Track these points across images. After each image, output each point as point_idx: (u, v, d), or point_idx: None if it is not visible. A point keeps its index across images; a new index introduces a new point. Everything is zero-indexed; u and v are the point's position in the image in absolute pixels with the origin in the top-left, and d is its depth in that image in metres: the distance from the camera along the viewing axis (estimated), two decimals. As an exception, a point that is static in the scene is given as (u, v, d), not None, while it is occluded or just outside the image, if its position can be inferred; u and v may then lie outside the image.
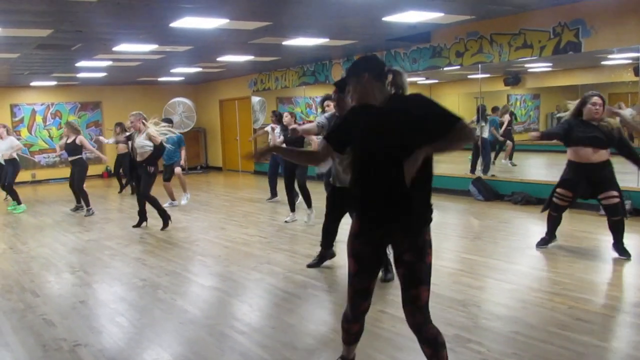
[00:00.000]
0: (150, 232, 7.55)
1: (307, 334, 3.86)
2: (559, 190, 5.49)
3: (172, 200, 9.79)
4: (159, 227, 7.68)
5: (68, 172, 9.74)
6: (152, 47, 9.23)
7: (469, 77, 10.68)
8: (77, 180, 9.30)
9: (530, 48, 8.21)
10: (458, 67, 9.41)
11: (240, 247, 6.57)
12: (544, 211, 5.75)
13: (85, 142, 9.28)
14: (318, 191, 7.90)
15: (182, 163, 9.88)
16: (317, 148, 7.68)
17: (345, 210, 5.18)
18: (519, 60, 8.56)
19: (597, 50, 7.63)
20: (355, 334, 2.91)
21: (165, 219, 7.67)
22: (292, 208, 7.99)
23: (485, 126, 10.47)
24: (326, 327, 4.00)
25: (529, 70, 11.26)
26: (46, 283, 5.35)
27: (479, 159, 10.31)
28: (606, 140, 5.14)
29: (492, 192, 9.07)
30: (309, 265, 5.48)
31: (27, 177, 14.96)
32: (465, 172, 9.81)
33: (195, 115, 15.57)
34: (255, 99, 15.15)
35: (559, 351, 3.36)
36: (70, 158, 9.35)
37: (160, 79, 15.34)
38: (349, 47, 10.29)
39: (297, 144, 7.82)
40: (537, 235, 7.07)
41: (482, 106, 10.74)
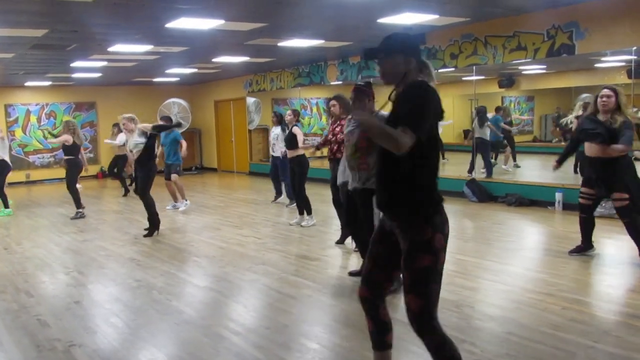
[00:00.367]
0: (145, 232, 7.51)
1: (301, 335, 3.87)
2: (581, 189, 5.41)
3: (175, 202, 9.58)
4: (160, 230, 7.52)
5: (63, 173, 9.58)
6: (148, 47, 9.22)
7: (464, 79, 10.70)
8: (68, 179, 9.17)
9: (524, 50, 8.25)
10: (453, 69, 9.44)
11: (235, 247, 6.58)
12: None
13: (67, 142, 8.98)
14: (312, 192, 7.93)
15: (184, 152, 9.40)
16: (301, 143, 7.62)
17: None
18: (513, 62, 8.60)
19: (590, 53, 7.67)
20: (372, 333, 2.81)
21: (152, 227, 7.41)
22: (308, 211, 7.73)
23: (485, 128, 10.47)
24: (320, 328, 4.02)
25: (523, 72, 11.30)
26: (40, 283, 5.34)
27: (482, 161, 10.36)
28: (607, 135, 4.96)
29: (486, 194, 9.11)
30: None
31: (21, 178, 14.95)
32: (459, 173, 9.84)
33: (190, 116, 15.47)
34: (250, 100, 15.16)
35: (552, 352, 3.39)
36: (65, 157, 9.30)
37: (155, 80, 15.32)
38: (344, 48, 10.32)
39: (293, 142, 7.78)
40: (530, 236, 7.15)
41: (483, 107, 10.75)
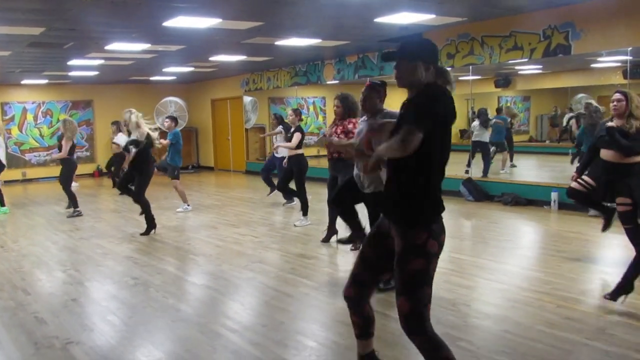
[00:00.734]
0: (142, 230, 7.51)
1: (298, 332, 3.89)
2: (583, 177, 5.09)
3: (185, 202, 9.29)
4: (157, 229, 7.48)
5: (58, 171, 9.53)
6: (145, 46, 9.22)
7: (460, 78, 10.73)
8: (63, 179, 9.14)
9: (520, 50, 8.28)
10: (449, 68, 9.46)
11: (232, 246, 6.59)
12: (603, 230, 5.23)
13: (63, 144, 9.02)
14: (311, 191, 7.94)
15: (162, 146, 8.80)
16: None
17: (355, 203, 4.97)
18: (510, 62, 8.63)
19: (586, 53, 7.71)
20: (356, 325, 2.82)
21: (149, 226, 7.37)
22: (305, 211, 7.70)
23: (486, 131, 10.48)
24: (317, 325, 4.03)
25: (520, 72, 11.34)
26: (37, 281, 5.34)
27: (482, 162, 10.40)
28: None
29: (482, 193, 9.14)
30: (339, 240, 5.60)
31: (17, 176, 14.92)
32: (456, 172, 9.86)
33: (187, 115, 15.56)
34: (247, 99, 15.17)
35: (547, 349, 3.41)
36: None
37: (152, 78, 15.31)
38: (341, 47, 10.33)
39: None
40: (526, 235, 7.18)
41: (484, 109, 10.75)
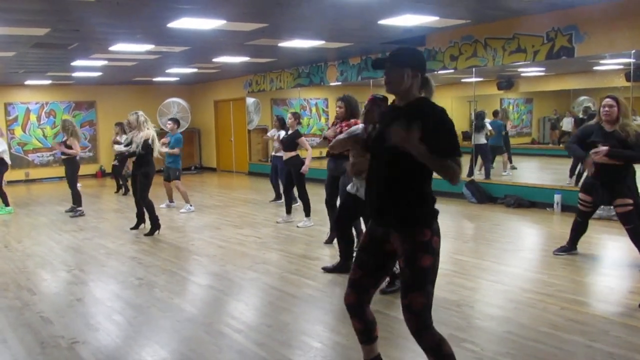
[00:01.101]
0: (146, 232, 7.53)
1: (302, 333, 3.90)
2: (579, 195, 5.49)
3: (171, 201, 9.64)
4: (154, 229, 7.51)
5: (62, 171, 9.61)
6: (149, 47, 9.24)
7: (462, 80, 10.75)
8: (69, 179, 9.29)
9: (524, 52, 8.30)
10: (452, 70, 9.48)
11: (236, 247, 6.61)
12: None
13: (72, 144, 9.12)
14: (313, 193, 7.96)
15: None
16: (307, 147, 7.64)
17: (355, 218, 5.18)
18: (513, 64, 8.64)
19: (589, 56, 7.72)
20: (359, 332, 2.84)
21: (154, 227, 7.43)
22: (288, 210, 8.00)
23: (483, 132, 10.49)
24: (321, 326, 4.05)
25: (522, 74, 11.36)
26: (42, 281, 5.36)
27: (481, 164, 10.41)
28: (618, 146, 4.99)
29: (485, 195, 9.15)
30: (324, 268, 5.39)
31: (20, 176, 14.96)
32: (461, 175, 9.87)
33: (190, 116, 15.60)
34: (249, 100, 15.19)
35: (551, 351, 3.43)
36: (63, 157, 9.31)
37: (155, 79, 15.34)
38: (344, 49, 10.35)
39: (291, 144, 7.82)
40: (529, 237, 7.19)
41: (482, 112, 10.76)
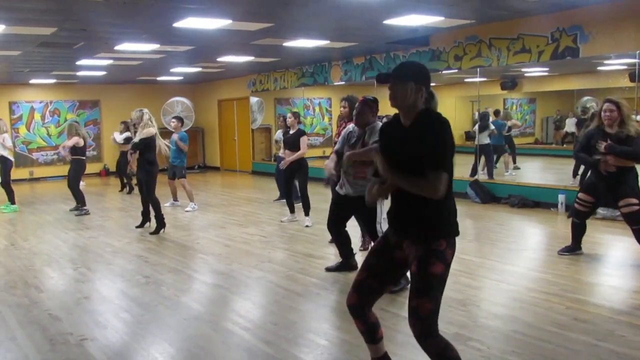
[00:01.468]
0: (151, 230, 7.56)
1: (309, 331, 3.93)
2: (579, 195, 5.54)
3: (175, 199, 9.76)
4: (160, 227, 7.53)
5: (66, 170, 9.65)
6: (154, 46, 9.28)
7: (466, 80, 10.76)
8: (72, 179, 9.32)
9: (528, 53, 8.31)
10: (456, 70, 9.50)
11: (241, 245, 6.64)
12: (570, 217, 5.80)
13: (78, 143, 9.18)
14: (316, 192, 7.99)
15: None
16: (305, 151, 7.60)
17: (347, 218, 5.25)
18: (517, 64, 8.65)
19: (594, 56, 7.73)
20: (362, 332, 2.88)
21: (160, 225, 7.46)
22: (291, 209, 8.02)
23: (487, 133, 10.50)
24: (328, 324, 4.08)
25: (526, 74, 11.36)
26: (49, 279, 5.40)
27: (484, 163, 10.41)
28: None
29: (489, 195, 9.17)
30: (327, 269, 5.41)
31: (24, 175, 15.01)
32: (462, 174, 9.89)
33: (194, 115, 15.62)
34: (253, 100, 15.22)
35: (557, 349, 3.45)
36: (73, 157, 9.31)
37: (159, 78, 15.38)
38: (348, 49, 10.38)
39: (295, 144, 7.83)
40: (533, 237, 7.21)
41: (486, 113, 10.77)
